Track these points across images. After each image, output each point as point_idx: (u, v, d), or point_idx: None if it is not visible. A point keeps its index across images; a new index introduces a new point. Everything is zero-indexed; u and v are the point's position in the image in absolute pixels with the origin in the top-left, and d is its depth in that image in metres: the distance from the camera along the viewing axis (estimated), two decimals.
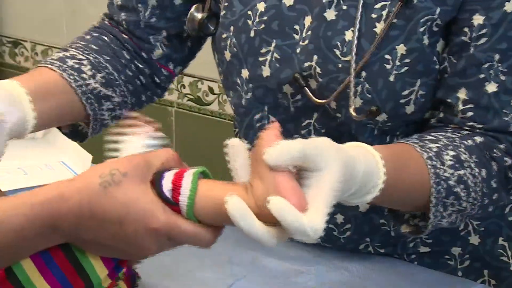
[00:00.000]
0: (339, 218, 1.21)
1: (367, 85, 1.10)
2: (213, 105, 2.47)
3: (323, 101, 1.13)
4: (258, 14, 1.17)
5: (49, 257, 0.84)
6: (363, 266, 1.20)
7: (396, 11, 1.08)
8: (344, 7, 1.11)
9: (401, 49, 1.09)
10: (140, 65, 1.29)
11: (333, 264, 1.20)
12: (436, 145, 1.04)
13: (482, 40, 1.07)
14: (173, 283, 1.13)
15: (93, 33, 1.29)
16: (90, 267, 0.84)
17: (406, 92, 1.11)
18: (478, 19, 1.07)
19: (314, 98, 1.13)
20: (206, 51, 1.35)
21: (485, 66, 1.07)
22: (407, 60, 1.09)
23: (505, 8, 1.06)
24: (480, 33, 1.07)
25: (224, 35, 1.21)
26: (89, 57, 1.23)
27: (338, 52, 1.11)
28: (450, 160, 1.03)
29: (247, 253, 1.19)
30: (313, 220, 0.78)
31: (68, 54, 1.21)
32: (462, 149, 1.05)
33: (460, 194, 1.03)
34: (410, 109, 1.12)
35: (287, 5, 1.16)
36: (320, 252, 1.22)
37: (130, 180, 0.81)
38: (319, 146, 0.82)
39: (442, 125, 1.12)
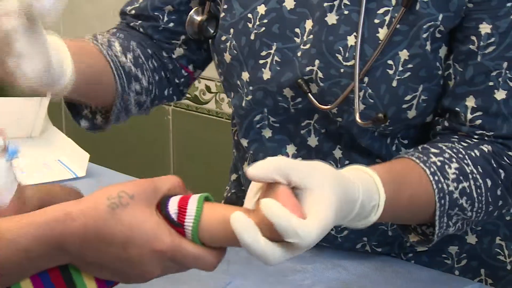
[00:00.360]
0: None
1: (369, 90, 1.10)
2: (210, 103, 2.47)
3: (327, 106, 1.13)
4: (258, 17, 1.17)
5: (46, 275, 0.83)
6: (360, 264, 1.20)
7: (400, 16, 1.08)
8: (346, 12, 1.11)
9: (404, 54, 1.09)
10: (164, 60, 1.30)
11: (330, 262, 1.20)
12: (440, 158, 1.04)
13: (490, 49, 1.07)
14: (169, 282, 1.13)
15: (117, 28, 1.30)
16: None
17: (408, 97, 1.11)
18: (485, 28, 1.07)
19: (318, 104, 1.13)
20: None
21: (493, 74, 1.08)
22: (410, 66, 1.10)
23: None
24: (488, 42, 1.07)
25: (223, 38, 1.21)
26: (118, 40, 1.24)
27: (340, 57, 1.11)
28: (454, 174, 1.04)
29: (244, 251, 1.19)
30: (305, 224, 0.79)
31: (97, 35, 1.23)
32: (466, 161, 1.05)
33: (464, 205, 1.04)
34: (412, 113, 1.12)
35: (288, 8, 1.16)
36: (317, 250, 1.22)
37: (136, 203, 0.81)
38: (300, 166, 0.83)
39: (449, 132, 1.12)
